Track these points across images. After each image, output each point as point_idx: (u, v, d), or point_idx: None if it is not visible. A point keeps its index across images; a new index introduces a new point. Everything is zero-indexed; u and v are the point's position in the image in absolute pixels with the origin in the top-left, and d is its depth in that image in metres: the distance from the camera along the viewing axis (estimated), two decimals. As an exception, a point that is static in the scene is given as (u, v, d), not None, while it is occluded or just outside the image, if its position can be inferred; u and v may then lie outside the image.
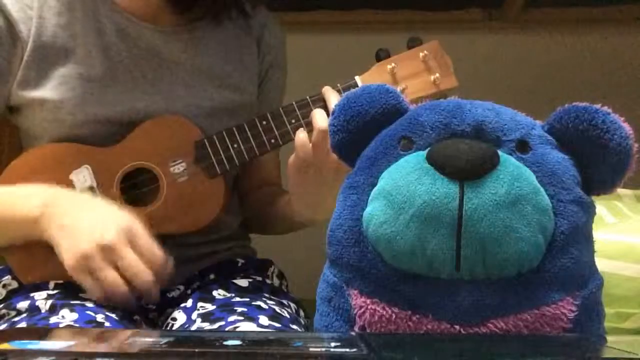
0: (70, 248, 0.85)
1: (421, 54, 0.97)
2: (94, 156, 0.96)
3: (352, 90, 0.69)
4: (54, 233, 0.87)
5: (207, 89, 1.02)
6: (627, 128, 0.62)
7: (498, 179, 0.58)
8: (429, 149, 0.61)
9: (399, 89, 0.95)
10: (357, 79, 0.97)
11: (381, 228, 0.60)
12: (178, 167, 0.96)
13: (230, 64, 1.05)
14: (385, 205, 0.60)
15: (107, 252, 0.83)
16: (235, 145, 0.96)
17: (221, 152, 0.96)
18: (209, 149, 0.96)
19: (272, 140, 0.96)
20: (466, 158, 0.58)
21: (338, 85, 0.96)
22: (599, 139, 0.61)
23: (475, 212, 0.57)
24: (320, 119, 0.89)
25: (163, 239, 0.98)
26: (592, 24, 1.97)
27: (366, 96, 0.67)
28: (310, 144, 0.89)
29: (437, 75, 0.97)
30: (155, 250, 0.85)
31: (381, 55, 0.98)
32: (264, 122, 0.96)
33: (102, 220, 0.86)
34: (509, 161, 0.60)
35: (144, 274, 0.83)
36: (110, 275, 0.83)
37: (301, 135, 0.90)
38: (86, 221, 0.86)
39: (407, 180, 0.59)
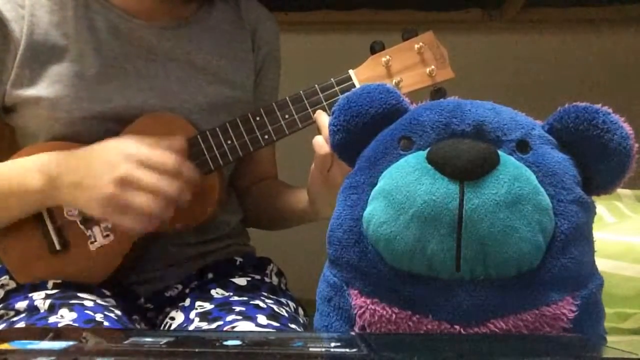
0: (91, 199, 0.85)
1: (416, 46, 0.96)
2: None
3: (352, 90, 0.69)
4: (68, 195, 0.88)
5: (202, 84, 1.02)
6: (627, 128, 0.62)
7: (498, 179, 0.58)
8: (429, 149, 0.61)
9: (393, 81, 0.95)
10: (351, 72, 0.96)
11: (381, 228, 0.60)
12: None
13: (225, 59, 1.05)
14: (386, 205, 0.60)
15: (125, 183, 0.83)
16: (229, 142, 0.96)
17: (215, 149, 0.96)
18: (202, 146, 0.96)
19: (266, 136, 0.96)
20: (466, 158, 0.58)
21: (332, 79, 0.96)
22: (599, 139, 0.61)
23: (475, 212, 0.57)
24: (317, 146, 0.85)
25: (160, 237, 0.98)
26: (592, 24, 1.97)
27: (366, 96, 0.67)
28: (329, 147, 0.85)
29: (433, 67, 0.96)
30: (169, 160, 0.86)
31: (376, 48, 0.97)
32: (258, 118, 0.96)
33: (106, 159, 0.86)
34: (509, 161, 0.60)
35: (169, 187, 0.84)
36: (139, 200, 0.84)
37: (320, 140, 0.84)
38: (93, 168, 0.86)
39: (407, 180, 0.59)
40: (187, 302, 0.95)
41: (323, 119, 0.87)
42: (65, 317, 0.85)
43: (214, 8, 1.07)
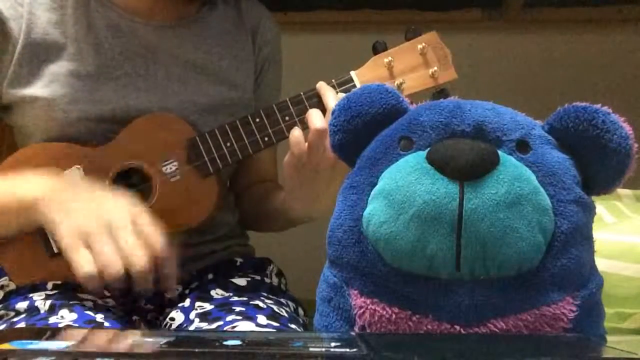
0: (69, 222, 0.82)
1: (419, 46, 0.94)
2: (85, 156, 0.95)
3: (353, 90, 0.69)
4: (54, 211, 0.84)
5: (202, 85, 1.01)
6: (627, 128, 0.62)
7: (498, 179, 0.58)
8: (429, 149, 0.61)
9: (395, 83, 0.94)
10: (353, 74, 0.95)
11: (381, 228, 0.60)
12: (170, 167, 0.95)
13: (225, 60, 1.05)
14: (385, 205, 0.60)
15: (108, 228, 0.80)
16: (228, 144, 0.95)
17: (214, 151, 0.95)
18: (201, 148, 0.95)
19: (266, 139, 0.95)
20: (466, 158, 0.58)
21: (333, 80, 0.95)
22: (599, 139, 0.61)
23: (475, 212, 0.57)
24: (315, 118, 0.88)
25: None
26: (592, 24, 1.97)
27: (366, 96, 0.67)
28: (306, 143, 0.88)
29: (436, 68, 0.94)
30: (158, 237, 0.82)
31: (378, 48, 0.96)
32: (257, 120, 0.95)
33: (106, 200, 0.84)
34: (509, 161, 0.60)
35: (141, 258, 0.80)
36: (108, 250, 0.79)
37: (296, 133, 0.88)
38: (90, 200, 0.84)
39: (407, 180, 0.59)
40: (187, 302, 0.95)
41: (314, 116, 0.88)
42: (65, 317, 0.85)
43: (215, 8, 1.07)
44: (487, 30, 1.99)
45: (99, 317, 0.86)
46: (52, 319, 0.85)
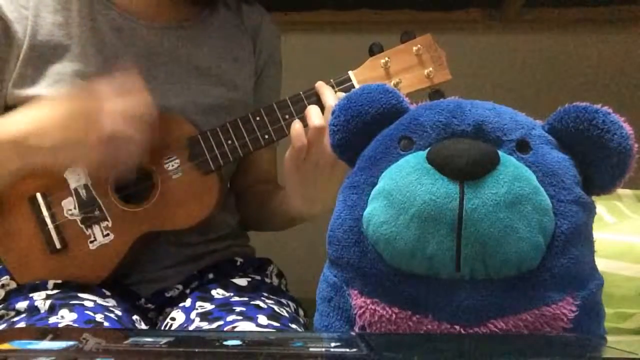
0: (80, 157, 0.88)
1: (414, 48, 0.97)
2: None
3: (353, 90, 0.69)
4: (47, 142, 0.86)
5: (203, 86, 1.02)
6: (627, 128, 0.62)
7: (498, 179, 0.58)
8: (429, 149, 0.61)
9: (392, 83, 0.96)
10: (351, 73, 0.97)
11: (381, 228, 0.60)
12: (172, 164, 0.96)
13: (226, 61, 1.05)
14: (386, 205, 0.60)
15: (112, 139, 0.85)
16: (229, 142, 0.96)
17: (215, 149, 0.96)
18: (203, 146, 0.96)
19: (266, 136, 0.96)
20: (466, 158, 0.58)
21: (331, 80, 0.96)
22: (599, 139, 0.61)
23: (475, 212, 0.57)
24: (314, 116, 0.89)
25: (160, 237, 0.98)
26: (592, 24, 1.97)
27: (366, 96, 0.67)
28: (306, 139, 0.89)
29: (431, 69, 0.97)
30: (144, 110, 0.88)
31: (374, 50, 0.98)
32: (258, 118, 0.96)
33: (87, 115, 0.86)
34: (509, 161, 0.60)
35: (143, 134, 0.86)
36: (125, 150, 0.86)
37: (297, 126, 0.89)
38: (74, 126, 0.86)
39: (407, 180, 0.59)
40: (188, 302, 0.95)
41: (313, 113, 0.88)
42: (65, 317, 0.85)
43: (216, 11, 1.08)
44: (487, 30, 1.99)
45: (99, 317, 0.86)
46: (52, 319, 0.85)
